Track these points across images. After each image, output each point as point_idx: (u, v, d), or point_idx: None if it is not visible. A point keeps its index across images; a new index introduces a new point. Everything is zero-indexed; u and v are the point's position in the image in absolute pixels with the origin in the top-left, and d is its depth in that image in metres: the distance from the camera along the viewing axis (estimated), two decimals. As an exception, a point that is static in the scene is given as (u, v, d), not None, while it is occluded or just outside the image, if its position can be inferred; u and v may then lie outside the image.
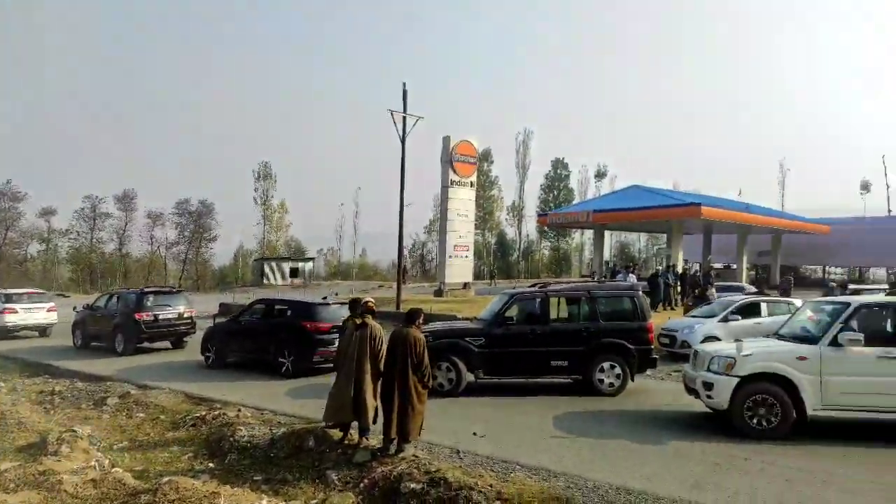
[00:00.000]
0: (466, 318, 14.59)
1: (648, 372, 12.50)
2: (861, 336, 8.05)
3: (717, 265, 40.16)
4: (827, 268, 48.79)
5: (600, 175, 70.29)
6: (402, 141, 22.65)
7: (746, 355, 8.31)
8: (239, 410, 9.88)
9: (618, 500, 6.05)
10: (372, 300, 8.24)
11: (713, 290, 23.20)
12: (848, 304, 8.56)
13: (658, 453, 7.57)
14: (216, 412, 9.79)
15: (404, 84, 22.36)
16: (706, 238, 41.30)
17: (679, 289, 25.71)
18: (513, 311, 11.76)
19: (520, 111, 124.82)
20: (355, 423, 7.75)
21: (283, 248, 69.48)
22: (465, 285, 32.30)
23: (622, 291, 12.20)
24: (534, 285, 12.95)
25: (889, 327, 8.54)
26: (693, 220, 31.29)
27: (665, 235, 45.19)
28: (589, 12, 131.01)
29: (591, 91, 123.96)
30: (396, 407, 7.22)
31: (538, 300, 11.80)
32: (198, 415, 9.86)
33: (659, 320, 17.64)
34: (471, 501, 6.03)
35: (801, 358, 8.20)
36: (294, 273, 53.68)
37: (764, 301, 15.98)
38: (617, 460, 7.26)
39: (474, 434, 8.38)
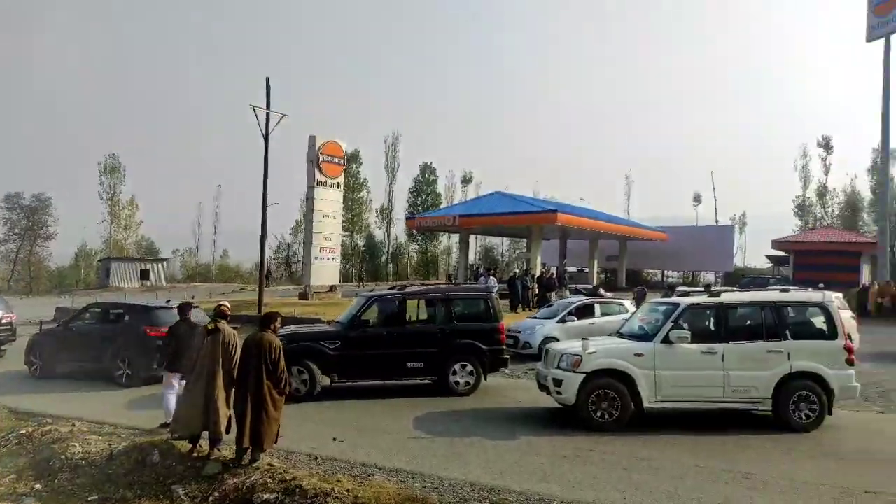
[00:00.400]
0: (327, 321, 14.38)
1: (506, 370, 13.02)
2: (688, 333, 8.94)
3: (572, 269, 42.71)
4: (666, 272, 53.63)
5: (466, 181, 72.27)
6: (266, 138, 21.86)
7: (591, 353, 8.92)
8: (73, 425, 8.99)
9: (472, 497, 6.23)
10: (226, 304, 7.88)
11: (567, 291, 24.70)
12: (677, 305, 9.47)
13: (511, 449, 7.90)
14: (46, 428, 8.84)
15: (267, 80, 21.59)
16: (562, 243, 43.84)
17: (536, 291, 27.06)
18: (370, 314, 11.73)
19: (389, 114, 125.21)
20: (206, 434, 7.35)
21: (134, 248, 64.48)
22: (332, 288, 31.79)
23: (476, 293, 12.59)
24: (392, 287, 13.03)
25: (711, 325, 9.52)
26: (550, 225, 33.10)
27: (526, 240, 47.38)
28: (454, 20, 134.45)
29: (457, 98, 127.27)
30: (250, 414, 6.93)
31: (395, 302, 11.89)
32: (23, 431, 8.84)
33: (515, 321, 18.42)
34: (326, 508, 5.94)
35: (638, 354, 8.95)
36: (145, 275, 50.01)
37: (598, 302, 17.12)
38: (473, 458, 7.48)
39: (333, 439, 8.26)
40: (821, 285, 18.58)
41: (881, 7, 30.88)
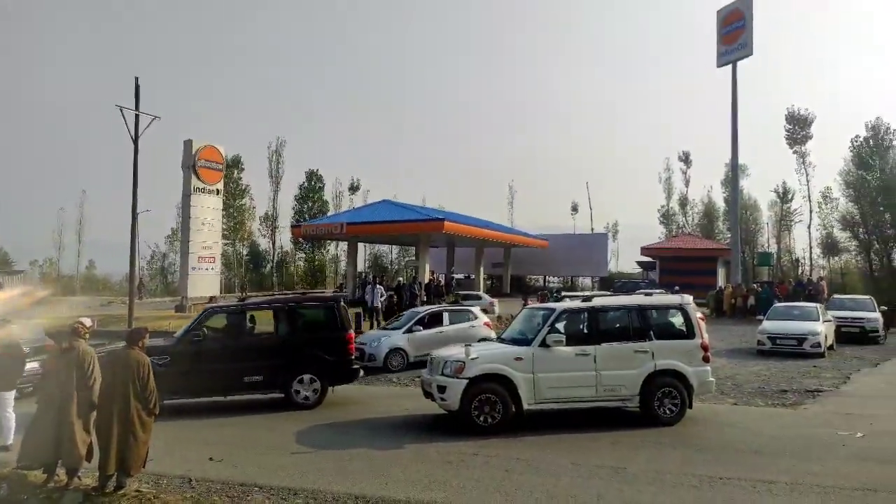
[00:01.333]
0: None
1: (395, 378, 12.97)
2: (563, 337, 9.38)
3: (459, 275, 43.50)
4: (547, 277, 55.96)
5: (354, 188, 71.57)
6: (135, 142, 20.50)
7: (474, 359, 9.11)
8: None
9: (356, 510, 6.15)
10: (83, 321, 7.25)
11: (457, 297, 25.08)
12: (553, 310, 9.91)
13: (397, 458, 7.89)
14: None
15: (136, 79, 20.28)
16: (450, 250, 44.49)
17: (424, 297, 27.27)
18: (208, 326, 11.27)
19: (272, 119, 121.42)
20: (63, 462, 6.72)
21: (-19, 260, 58.17)
22: (212, 299, 30.28)
23: (322, 302, 12.23)
24: (242, 299, 12.62)
25: (584, 328, 10.02)
26: (438, 233, 33.53)
27: (414, 248, 47.66)
28: (337, 24, 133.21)
29: (348, 107, 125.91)
30: (116, 438, 6.43)
31: (232, 314, 11.52)
32: None
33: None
34: (201, 533, 5.62)
35: (518, 358, 9.26)
36: (-5, 289, 45.12)
37: (446, 311, 17.31)
38: (358, 470, 7.38)
39: (210, 459, 7.84)
40: (676, 288, 20.11)
41: (728, 37, 34.21)
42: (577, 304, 10.32)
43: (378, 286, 22.63)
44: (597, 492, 6.50)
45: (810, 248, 57.19)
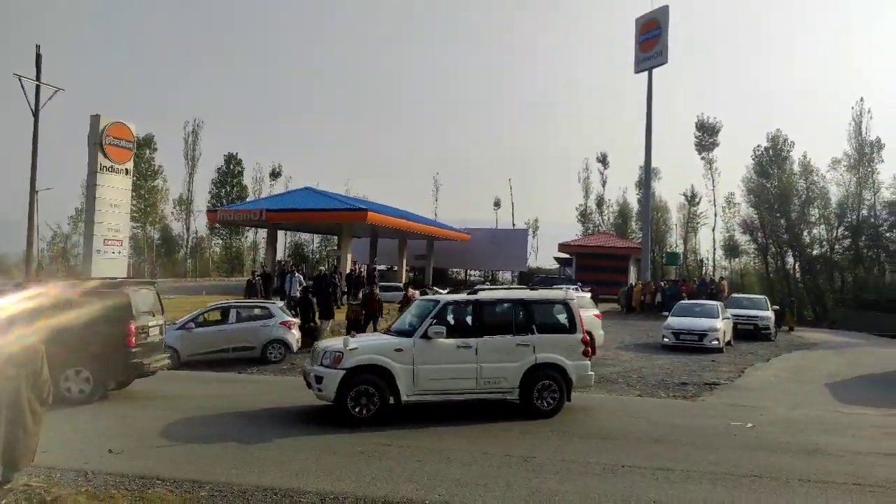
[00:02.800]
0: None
1: (285, 366, 12.68)
2: (444, 328, 9.51)
3: (382, 267, 43.29)
4: (469, 270, 56.64)
5: (275, 174, 69.79)
6: (35, 114, 19.14)
7: (352, 349, 9.10)
8: None
9: (263, 502, 6.02)
10: None
11: (377, 289, 24.90)
12: (437, 302, 10.06)
13: (305, 448, 7.78)
14: None
15: (38, 47, 19.05)
16: (372, 241, 44.23)
17: (345, 288, 26.98)
18: None
19: (189, 99, 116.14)
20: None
21: None
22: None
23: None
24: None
25: (468, 321, 10.04)
26: (361, 223, 33.22)
27: (337, 237, 47.03)
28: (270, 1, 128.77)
29: (269, 90, 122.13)
30: (2, 431, 5.99)
31: None
32: None
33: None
34: (95, 529, 5.34)
35: (398, 350, 9.31)
36: None
37: (235, 307, 16.51)
38: (267, 461, 7.23)
39: (109, 451, 7.45)
40: (578, 284, 20.75)
41: (645, 44, 35.72)
42: (461, 296, 10.49)
43: (297, 275, 22.15)
44: (506, 480, 6.66)
45: (714, 249, 60.82)
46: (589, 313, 14.72)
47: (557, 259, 54.14)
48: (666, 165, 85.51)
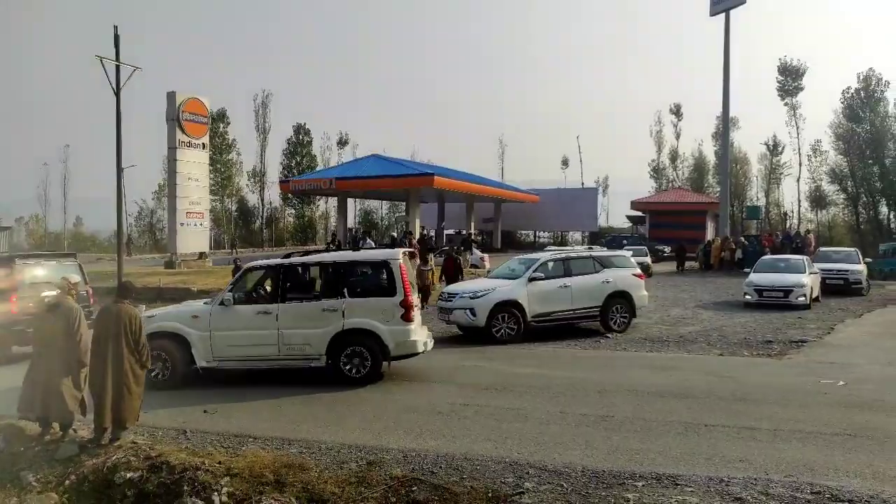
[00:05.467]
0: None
1: None
2: (239, 295, 9.51)
3: (450, 231, 43.50)
4: (537, 232, 56.07)
5: (342, 143, 70.88)
6: (117, 94, 20.03)
7: (150, 317, 9.27)
8: None
9: (350, 458, 6.27)
10: (69, 278, 7.19)
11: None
12: (248, 270, 10.00)
13: (389, 408, 8.01)
14: None
15: (115, 28, 19.65)
16: (440, 206, 44.37)
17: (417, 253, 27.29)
18: None
19: (260, 72, 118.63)
20: (59, 415, 6.78)
21: (-35, 217, 57.50)
22: (201, 255, 30.23)
23: None
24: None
25: (274, 287, 9.75)
26: (428, 188, 33.37)
27: (405, 203, 47.49)
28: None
29: (334, 59, 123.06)
30: (110, 392, 6.48)
31: None
32: None
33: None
34: (196, 482, 5.73)
35: (195, 317, 9.39)
36: (-18, 246, 44.82)
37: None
38: (351, 420, 7.50)
39: (204, 411, 7.94)
40: (624, 242, 19.85)
41: (722, -16, 33.49)
42: (271, 261, 10.38)
43: (369, 240, 22.58)
44: (584, 439, 6.66)
45: (799, 201, 57.64)
46: (626, 273, 14.31)
47: (630, 217, 52.80)
48: (745, 114, 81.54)
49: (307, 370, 9.50)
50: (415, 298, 9.67)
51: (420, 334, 9.65)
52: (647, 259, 27.92)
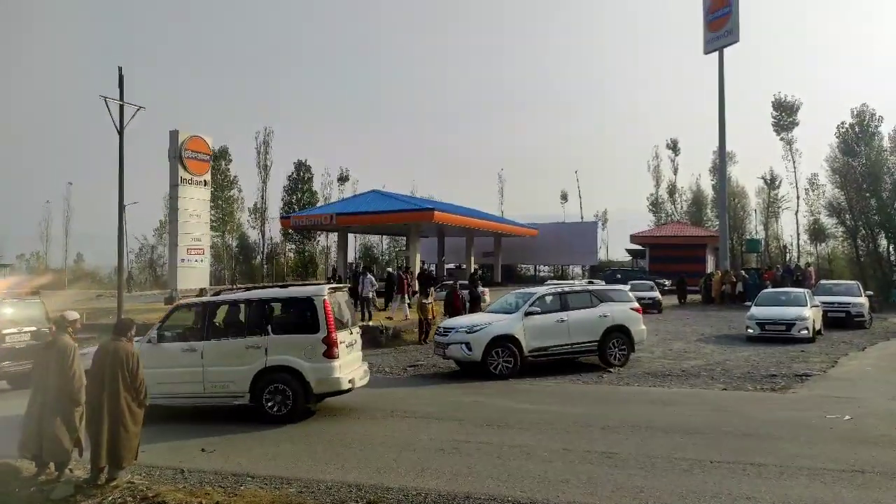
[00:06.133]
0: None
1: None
2: (167, 333, 9.60)
3: (451, 265, 43.54)
4: (538, 266, 56.09)
5: (343, 179, 71.33)
6: (120, 133, 20.29)
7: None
8: None
9: (349, 498, 6.15)
10: (67, 315, 7.14)
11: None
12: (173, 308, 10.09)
13: (390, 445, 7.89)
14: None
15: (120, 69, 20.02)
16: (440, 240, 44.50)
17: (416, 287, 27.22)
18: None
19: (261, 110, 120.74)
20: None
21: (-34, 254, 57.62)
22: (202, 291, 30.13)
23: None
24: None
25: (199, 324, 9.75)
26: (428, 223, 33.53)
27: (405, 238, 47.59)
28: (325, 14, 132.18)
29: (334, 94, 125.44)
30: (106, 431, 6.39)
31: None
32: None
33: (397, 318, 18.43)
34: (193, 523, 5.61)
35: None
36: (-18, 283, 44.73)
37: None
38: (351, 458, 7.39)
39: (202, 450, 7.83)
40: (618, 276, 19.85)
41: (714, 23, 34.25)
42: (200, 298, 10.41)
43: (369, 276, 22.56)
44: (588, 476, 6.55)
45: (798, 234, 57.77)
46: (625, 307, 14.25)
47: (629, 251, 52.89)
48: (742, 149, 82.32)
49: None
50: (343, 335, 9.54)
51: (346, 371, 9.47)
52: (657, 294, 27.38)
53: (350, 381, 9.45)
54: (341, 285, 11.84)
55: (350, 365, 9.79)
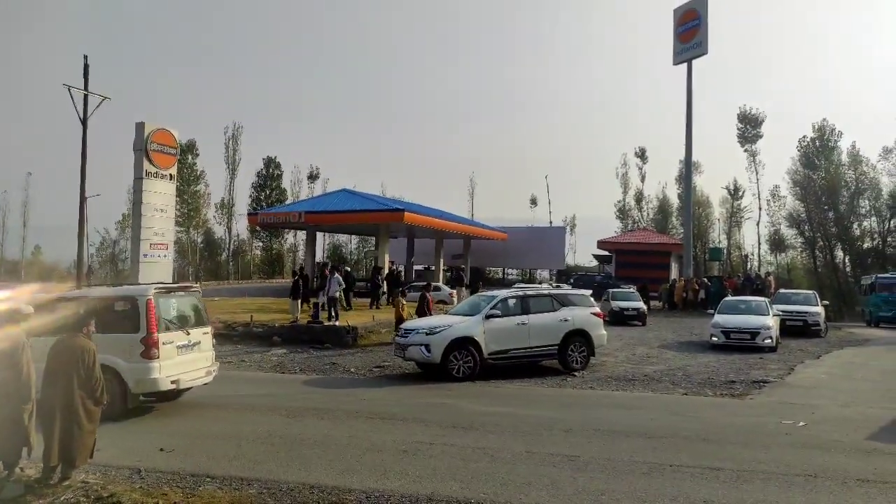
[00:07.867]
0: None
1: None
2: None
3: (419, 266, 43.49)
4: (506, 269, 56.46)
5: (313, 177, 70.83)
6: (84, 123, 19.79)
7: None
8: None
9: (311, 500, 6.08)
10: (26, 308, 6.91)
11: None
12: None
13: (353, 447, 7.83)
14: None
15: (85, 58, 19.60)
16: (410, 241, 44.45)
17: (385, 288, 27.14)
18: None
19: (231, 106, 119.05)
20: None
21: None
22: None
23: None
24: None
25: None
26: (398, 224, 33.45)
27: (374, 238, 47.38)
28: (305, 6, 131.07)
29: (305, 90, 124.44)
30: (59, 429, 6.21)
31: None
32: None
33: (363, 318, 18.41)
34: (149, 524, 5.49)
35: None
36: (-69, 274, 43.16)
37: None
38: (313, 459, 7.32)
39: (160, 450, 7.65)
40: (570, 282, 20.15)
41: (684, 35, 35.01)
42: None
43: (336, 275, 22.38)
44: (551, 479, 6.60)
45: (759, 244, 59.30)
46: (585, 311, 14.44)
47: (596, 256, 53.56)
48: (707, 159, 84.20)
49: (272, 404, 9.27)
50: (173, 335, 9.48)
51: (174, 371, 9.37)
52: (640, 304, 25.17)
53: (174, 382, 9.37)
54: (178, 285, 11.02)
55: (183, 365, 9.66)
